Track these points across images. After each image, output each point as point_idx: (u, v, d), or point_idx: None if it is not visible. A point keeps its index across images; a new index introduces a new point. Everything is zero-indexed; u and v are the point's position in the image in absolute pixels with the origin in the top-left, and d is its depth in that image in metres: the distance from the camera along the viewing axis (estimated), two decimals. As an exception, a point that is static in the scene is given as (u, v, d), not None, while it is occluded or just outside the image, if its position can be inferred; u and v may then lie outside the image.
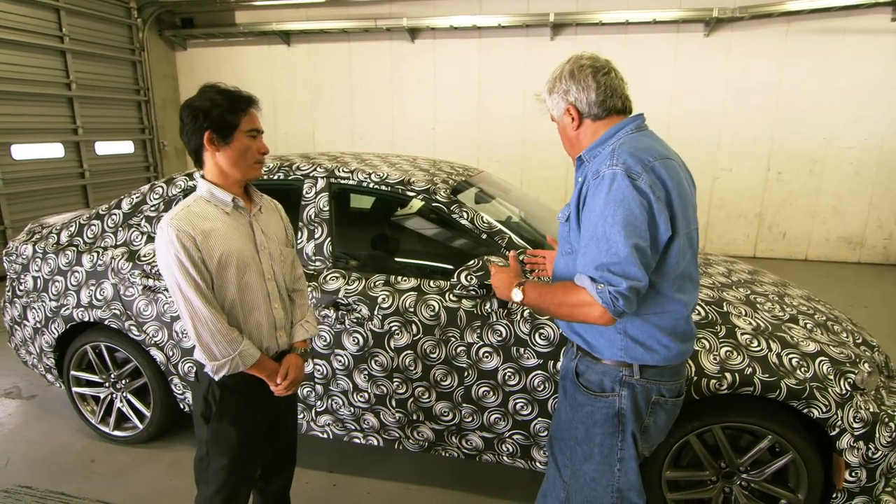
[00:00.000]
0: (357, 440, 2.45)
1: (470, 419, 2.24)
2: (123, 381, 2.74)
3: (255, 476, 1.75)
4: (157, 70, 7.82)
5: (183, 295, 1.47)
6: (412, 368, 2.24)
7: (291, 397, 1.82)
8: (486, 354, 2.14)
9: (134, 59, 7.47)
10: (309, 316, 1.81)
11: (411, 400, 2.29)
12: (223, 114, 1.48)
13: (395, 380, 2.28)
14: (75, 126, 6.58)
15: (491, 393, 2.18)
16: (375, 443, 2.42)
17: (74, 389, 2.84)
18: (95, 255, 2.64)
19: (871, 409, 1.89)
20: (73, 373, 2.81)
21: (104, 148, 7.09)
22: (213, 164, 1.54)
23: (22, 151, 5.97)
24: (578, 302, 1.31)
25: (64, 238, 2.77)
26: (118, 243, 2.64)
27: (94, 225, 2.72)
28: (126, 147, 7.49)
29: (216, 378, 1.55)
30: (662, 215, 1.29)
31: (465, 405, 2.22)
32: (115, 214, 2.68)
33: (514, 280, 1.52)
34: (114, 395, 2.79)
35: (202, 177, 1.57)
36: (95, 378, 2.79)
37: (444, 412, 2.26)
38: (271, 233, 1.67)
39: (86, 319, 2.62)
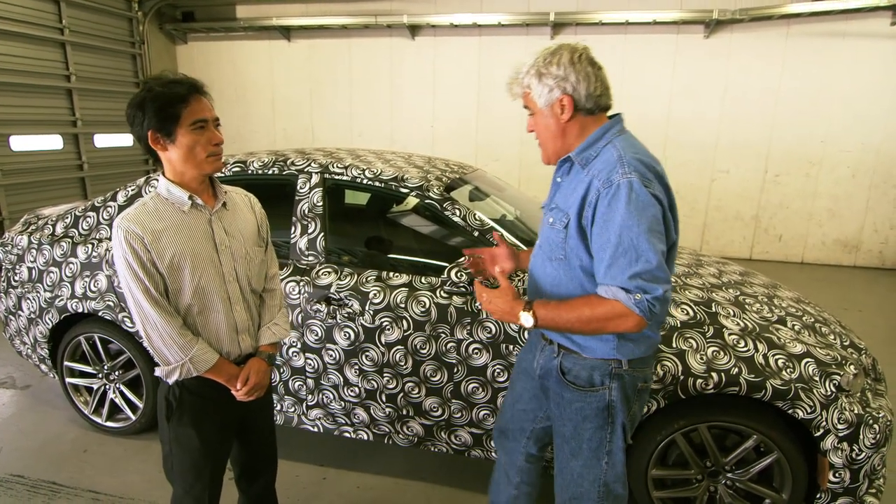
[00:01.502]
0: (347, 434, 2.46)
1: (459, 415, 2.25)
2: (116, 373, 2.76)
3: (222, 475, 1.69)
4: (157, 63, 7.80)
5: (133, 298, 1.42)
6: (402, 364, 2.25)
7: (265, 397, 1.73)
8: (476, 351, 2.16)
9: (134, 52, 7.47)
10: (279, 318, 1.72)
11: (401, 395, 2.30)
12: (160, 109, 1.37)
13: (385, 375, 2.29)
14: (74, 118, 6.58)
15: (480, 389, 2.19)
16: (365, 437, 2.44)
17: (68, 380, 2.86)
18: (90, 246, 2.65)
19: (856, 411, 1.91)
20: (66, 363, 2.82)
21: (103, 140, 7.09)
22: (167, 162, 1.46)
23: (20, 143, 5.97)
24: (611, 314, 1.28)
25: (59, 229, 2.78)
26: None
27: (89, 217, 2.73)
28: (125, 140, 7.48)
29: (168, 382, 1.51)
30: (668, 220, 1.33)
31: (454, 401, 2.24)
32: (110, 206, 2.69)
33: (515, 304, 1.41)
34: (106, 387, 2.80)
35: (162, 174, 1.49)
36: (88, 369, 2.80)
37: (434, 408, 2.28)
38: (236, 231, 1.57)
39: (80, 310, 2.63)
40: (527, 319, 1.38)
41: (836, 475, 1.91)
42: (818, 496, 1.97)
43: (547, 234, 1.49)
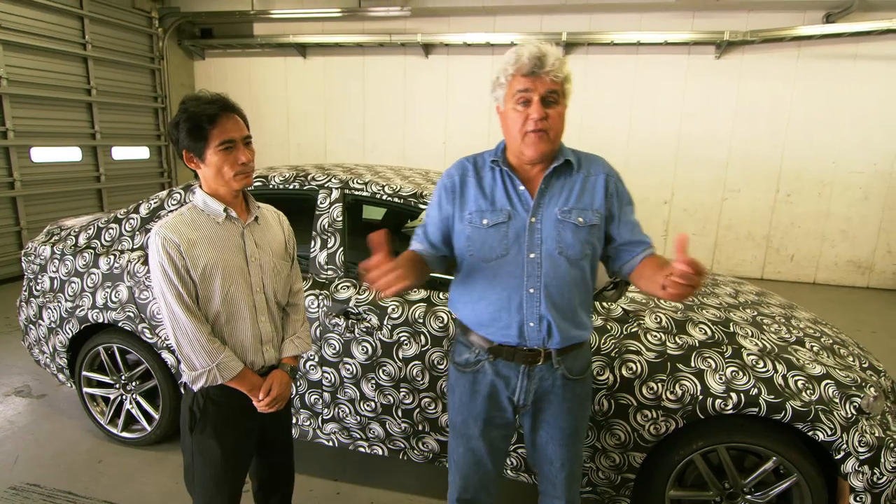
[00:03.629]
0: (362, 449, 2.46)
1: (475, 431, 2.25)
2: (134, 383, 2.78)
3: (242, 487, 1.70)
4: (174, 78, 7.97)
5: (166, 303, 1.47)
6: (419, 379, 2.26)
7: (284, 411, 1.77)
8: (493, 367, 2.16)
9: (153, 67, 7.63)
10: (301, 332, 1.77)
11: (417, 410, 2.31)
12: (190, 131, 1.45)
13: (402, 390, 2.30)
14: (94, 131, 6.71)
15: (497, 406, 2.19)
16: (380, 452, 2.44)
17: (85, 390, 2.88)
18: (112, 257, 2.69)
19: (877, 434, 1.89)
20: (84, 373, 2.85)
21: (121, 153, 7.22)
22: (202, 177, 1.55)
23: (41, 154, 6.09)
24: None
25: (82, 240, 2.83)
26: (135, 247, 2.69)
27: (112, 228, 2.78)
28: (142, 153, 7.62)
29: (195, 388, 1.54)
30: None
31: (470, 417, 2.24)
32: (132, 219, 2.74)
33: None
34: (123, 397, 2.83)
35: (199, 186, 1.57)
36: (106, 379, 2.83)
37: (450, 423, 2.28)
38: (265, 244, 1.64)
39: (100, 321, 2.67)
40: None
41: (857, 499, 1.89)
42: (839, 520, 1.95)
43: (573, 235, 1.47)
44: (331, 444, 2.50)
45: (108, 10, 6.78)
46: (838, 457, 1.88)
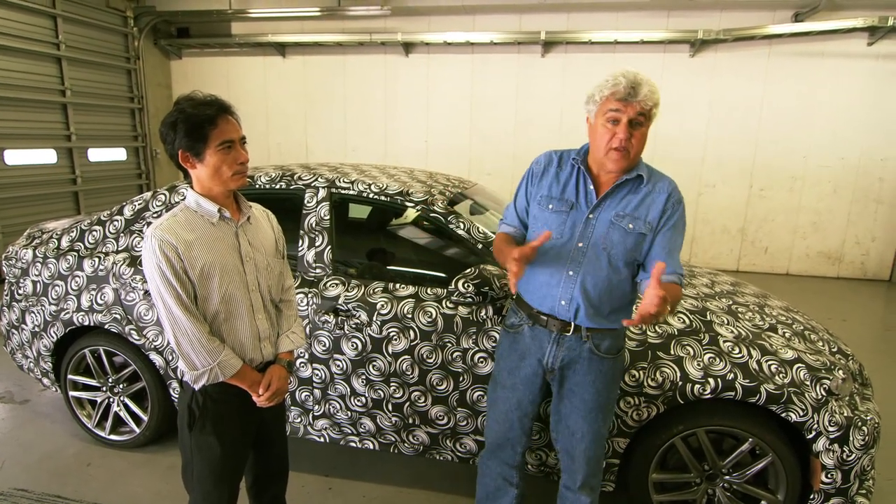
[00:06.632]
0: (353, 444, 2.50)
1: (464, 423, 2.31)
2: (121, 386, 2.77)
3: (239, 482, 1.73)
4: (151, 78, 7.86)
5: (164, 304, 1.48)
6: (409, 373, 2.31)
7: (279, 407, 1.80)
8: (482, 360, 2.22)
9: (129, 67, 7.52)
10: (296, 327, 1.80)
11: (407, 404, 2.35)
12: (189, 131, 1.46)
13: (392, 384, 2.34)
14: (69, 132, 6.59)
15: (485, 397, 2.25)
16: (371, 446, 2.48)
17: (71, 393, 2.86)
18: (97, 260, 2.68)
19: (846, 414, 2.00)
20: (70, 377, 2.83)
21: (97, 155, 7.10)
22: (195, 178, 1.54)
23: (15, 157, 5.96)
24: (681, 291, 1.66)
25: (65, 243, 2.81)
26: (120, 249, 2.68)
27: (95, 230, 2.76)
28: (119, 154, 7.50)
29: (196, 387, 1.56)
30: None
31: (459, 409, 2.30)
32: (116, 220, 2.73)
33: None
34: (111, 400, 2.82)
35: (190, 186, 1.57)
36: (93, 382, 2.82)
37: (440, 416, 2.33)
38: (258, 243, 1.66)
39: (86, 323, 2.66)
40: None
41: (828, 476, 1.99)
42: (811, 497, 2.05)
43: (620, 237, 1.66)
44: (322, 439, 2.53)
45: (81, 9, 6.66)
46: (810, 436, 1.98)
